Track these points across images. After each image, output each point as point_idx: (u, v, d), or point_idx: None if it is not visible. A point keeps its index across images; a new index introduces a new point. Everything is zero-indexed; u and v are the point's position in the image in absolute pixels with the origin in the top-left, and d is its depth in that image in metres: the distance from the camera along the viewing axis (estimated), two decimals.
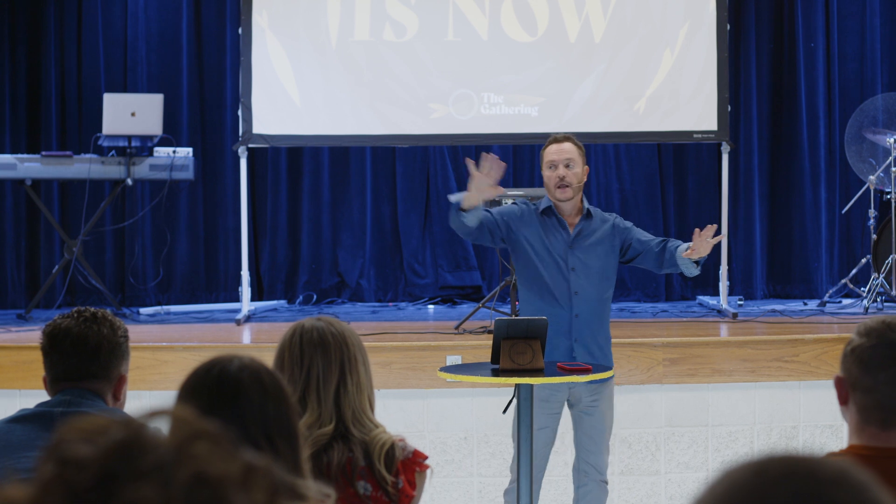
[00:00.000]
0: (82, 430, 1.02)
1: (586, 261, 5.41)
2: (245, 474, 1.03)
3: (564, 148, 5.50)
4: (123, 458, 1.00)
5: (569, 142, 5.53)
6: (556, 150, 5.49)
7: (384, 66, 8.39)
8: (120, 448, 1.00)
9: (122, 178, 8.69)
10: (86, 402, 3.10)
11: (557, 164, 5.45)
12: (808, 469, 1.13)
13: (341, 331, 3.07)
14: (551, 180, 5.45)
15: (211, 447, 1.02)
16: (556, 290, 5.40)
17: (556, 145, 5.52)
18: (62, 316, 3.21)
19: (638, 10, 8.43)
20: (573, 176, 5.45)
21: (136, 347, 6.72)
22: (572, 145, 5.52)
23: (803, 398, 6.72)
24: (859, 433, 2.76)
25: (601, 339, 5.47)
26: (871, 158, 8.87)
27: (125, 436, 1.01)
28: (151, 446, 1.01)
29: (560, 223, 5.46)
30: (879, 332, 2.73)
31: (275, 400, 2.22)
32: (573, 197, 5.45)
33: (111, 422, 1.03)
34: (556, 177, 5.44)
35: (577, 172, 5.47)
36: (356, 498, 3.02)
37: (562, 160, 5.45)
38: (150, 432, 1.02)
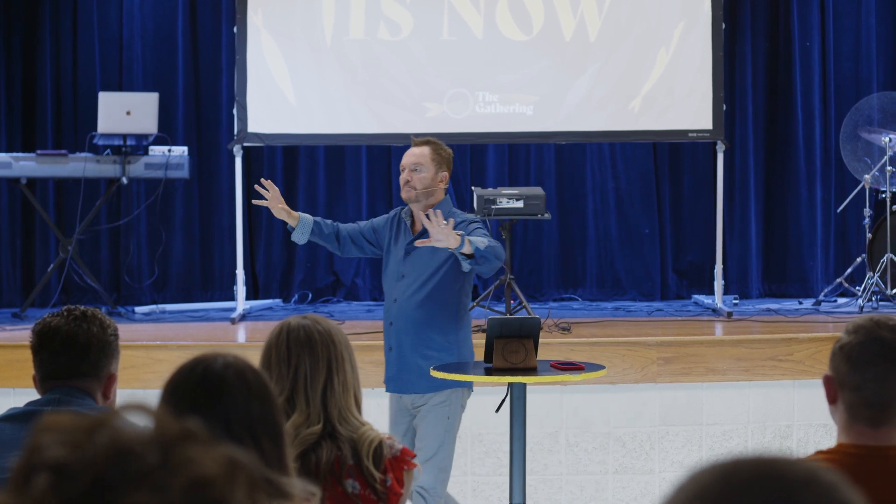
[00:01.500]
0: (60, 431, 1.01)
1: (416, 267, 5.34)
2: (229, 469, 1.03)
3: (416, 152, 5.48)
4: (114, 465, 0.99)
5: (426, 146, 5.50)
6: (408, 154, 5.50)
7: (379, 65, 8.39)
8: (109, 453, 0.99)
9: (118, 177, 8.69)
10: (75, 401, 3.10)
11: (405, 168, 5.45)
12: (777, 471, 1.12)
13: (328, 329, 3.07)
14: (400, 182, 5.45)
15: (200, 447, 1.02)
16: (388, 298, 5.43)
17: (412, 148, 5.52)
18: (52, 314, 3.21)
19: (633, 8, 8.43)
20: (418, 180, 5.39)
21: (131, 346, 6.73)
22: (428, 150, 5.48)
23: (797, 397, 6.72)
24: (848, 431, 2.76)
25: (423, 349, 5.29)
26: (867, 157, 8.87)
27: (111, 439, 1.00)
28: (139, 449, 1.00)
29: (407, 227, 5.45)
30: (868, 329, 2.73)
31: (259, 398, 2.22)
32: (417, 200, 5.39)
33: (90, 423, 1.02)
34: (402, 180, 5.43)
35: (424, 177, 5.41)
36: (345, 496, 3.02)
37: (409, 164, 5.45)
38: (133, 433, 1.02)
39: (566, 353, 6.52)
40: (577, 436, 6.70)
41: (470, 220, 5.40)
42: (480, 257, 5.08)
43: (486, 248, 5.09)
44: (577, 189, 9.72)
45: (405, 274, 5.34)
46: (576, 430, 6.69)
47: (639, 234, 9.68)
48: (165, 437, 1.02)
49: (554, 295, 9.58)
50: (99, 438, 1.00)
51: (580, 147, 9.57)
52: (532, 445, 6.46)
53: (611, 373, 6.50)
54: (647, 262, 9.65)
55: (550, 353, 6.21)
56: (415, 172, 5.41)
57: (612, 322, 8.05)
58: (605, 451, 6.70)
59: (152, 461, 0.99)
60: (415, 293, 5.29)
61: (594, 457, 6.69)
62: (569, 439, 6.70)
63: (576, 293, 9.61)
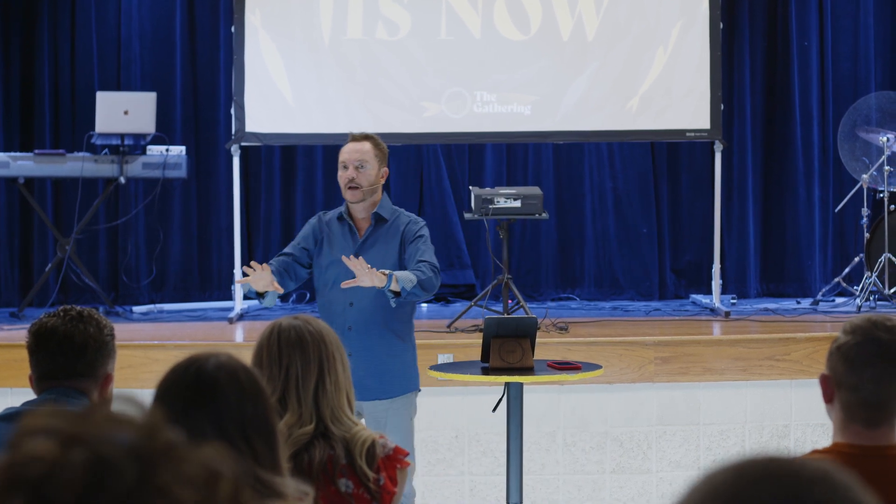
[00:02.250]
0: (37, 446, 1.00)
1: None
2: (209, 480, 1.03)
3: (359, 147, 5.23)
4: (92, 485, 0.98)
5: (368, 141, 5.26)
6: (349, 150, 5.25)
7: (377, 65, 8.39)
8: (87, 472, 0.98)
9: (115, 177, 8.69)
10: (71, 401, 3.10)
11: (349, 165, 5.21)
12: (790, 470, 1.12)
13: (318, 329, 3.07)
14: (342, 181, 5.22)
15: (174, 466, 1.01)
16: (336, 303, 5.14)
17: (353, 144, 5.26)
18: (48, 315, 3.21)
19: (631, 8, 8.43)
20: (364, 177, 5.18)
21: (128, 346, 6.73)
22: (370, 145, 5.25)
23: (795, 397, 6.73)
24: (843, 431, 2.76)
25: (383, 354, 5.15)
26: (865, 157, 8.87)
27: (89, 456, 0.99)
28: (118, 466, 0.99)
29: (350, 229, 5.25)
30: (865, 329, 2.73)
31: (252, 398, 2.22)
32: (363, 199, 5.20)
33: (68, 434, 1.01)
34: (346, 178, 5.20)
35: (369, 174, 5.20)
36: (338, 496, 3.03)
37: (353, 160, 5.20)
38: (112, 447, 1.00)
39: (563, 353, 6.52)
40: (575, 435, 6.70)
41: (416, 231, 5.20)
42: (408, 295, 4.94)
43: (415, 286, 4.93)
44: (575, 189, 9.71)
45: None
46: (573, 430, 6.70)
47: (637, 234, 9.68)
48: (145, 452, 1.01)
49: (552, 294, 9.58)
50: (76, 455, 0.99)
51: (578, 147, 9.57)
52: (529, 445, 6.46)
53: (608, 372, 6.51)
54: (646, 262, 9.65)
55: (548, 353, 6.21)
56: (360, 170, 5.19)
57: (609, 322, 8.05)
58: (602, 451, 6.70)
59: (131, 480, 0.98)
60: (375, 296, 5.05)
61: (591, 456, 6.70)
62: (566, 439, 6.70)
63: (574, 293, 9.61)
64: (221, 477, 1.04)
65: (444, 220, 9.61)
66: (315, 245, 5.25)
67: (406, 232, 5.21)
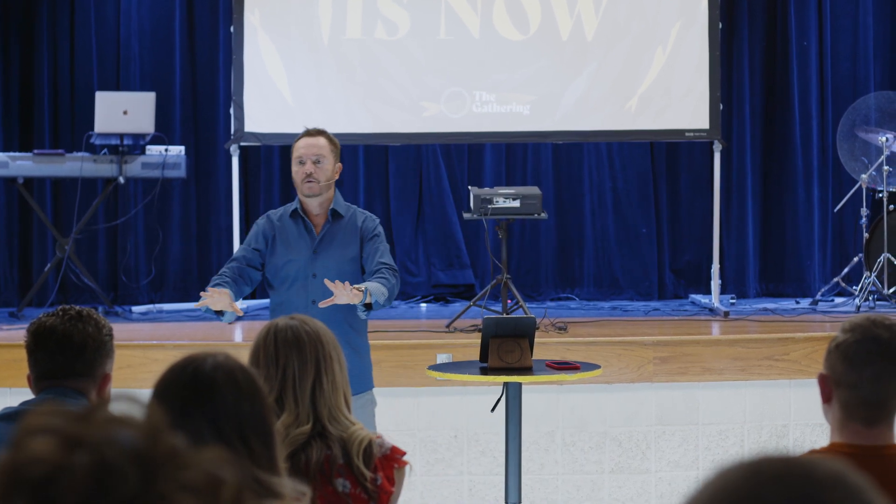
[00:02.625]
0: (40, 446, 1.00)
1: (329, 266, 5.09)
2: (211, 487, 1.03)
3: (315, 143, 5.18)
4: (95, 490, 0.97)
5: (322, 136, 5.22)
6: (305, 145, 5.19)
7: (376, 65, 8.39)
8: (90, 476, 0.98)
9: (115, 177, 8.68)
10: (70, 401, 3.09)
11: (305, 160, 5.15)
12: (803, 470, 1.12)
13: (315, 329, 3.07)
14: (298, 176, 5.16)
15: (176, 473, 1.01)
16: (296, 300, 5.08)
17: (308, 139, 5.21)
18: (47, 314, 3.21)
19: (630, 8, 8.43)
20: (321, 172, 5.14)
21: (127, 346, 6.73)
22: (325, 140, 5.20)
23: (794, 397, 6.72)
24: (842, 430, 2.76)
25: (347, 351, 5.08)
26: (864, 157, 8.87)
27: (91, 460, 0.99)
28: (120, 471, 0.99)
29: (306, 226, 5.18)
30: (864, 328, 2.73)
31: (249, 398, 2.22)
32: (320, 194, 5.15)
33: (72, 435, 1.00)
34: (304, 172, 5.13)
35: (326, 169, 5.15)
36: (335, 496, 3.03)
37: (310, 155, 5.14)
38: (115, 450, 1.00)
39: (562, 353, 6.52)
40: (574, 435, 6.70)
41: (373, 229, 5.18)
42: (378, 306, 4.93)
43: (386, 299, 4.94)
44: (574, 189, 9.71)
45: (317, 273, 5.07)
46: (572, 430, 6.70)
47: (636, 234, 9.68)
48: (148, 457, 1.00)
49: (551, 294, 9.58)
50: (79, 459, 0.99)
51: (577, 147, 9.57)
52: (528, 445, 6.46)
53: (607, 372, 6.51)
54: (645, 262, 9.65)
55: (547, 353, 6.21)
56: (317, 165, 5.14)
57: (608, 321, 8.06)
58: (601, 451, 6.70)
59: (133, 485, 0.98)
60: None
61: (590, 456, 6.70)
62: (565, 439, 6.70)
63: (573, 293, 9.61)
64: (224, 483, 1.03)
65: (444, 219, 9.61)
66: (266, 245, 5.18)
67: (364, 229, 5.19)
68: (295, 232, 5.18)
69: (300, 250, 5.13)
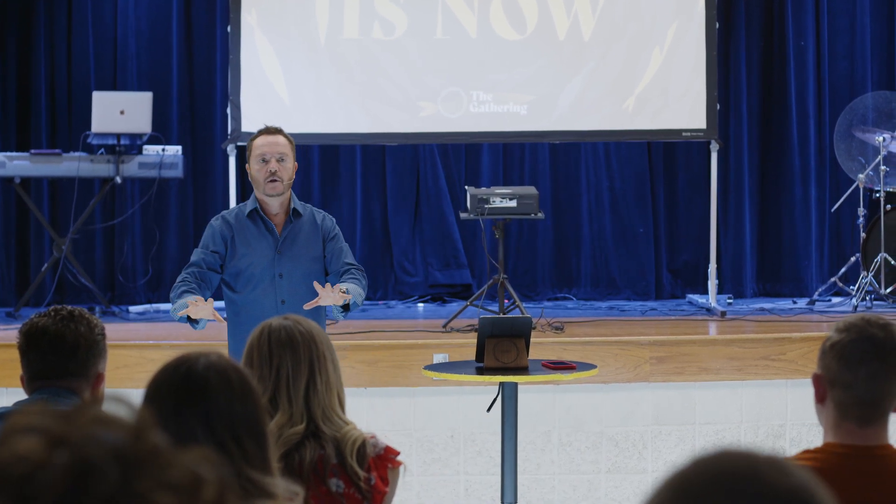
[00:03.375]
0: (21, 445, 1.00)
1: (296, 265, 5.10)
2: (192, 487, 1.02)
3: (276, 141, 5.15)
4: (73, 487, 0.97)
5: (281, 135, 5.18)
6: (267, 143, 5.15)
7: (373, 64, 8.39)
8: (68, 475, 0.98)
9: (111, 177, 8.68)
10: (63, 401, 3.09)
11: (269, 158, 5.11)
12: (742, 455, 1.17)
13: (309, 329, 3.07)
14: (261, 174, 5.11)
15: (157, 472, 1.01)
16: (264, 300, 5.05)
17: (269, 137, 5.17)
18: (39, 315, 3.21)
19: (627, 8, 8.43)
20: (284, 171, 5.11)
21: (123, 346, 6.74)
22: (284, 139, 5.18)
23: (790, 396, 6.72)
24: (836, 430, 2.76)
25: None
26: (861, 157, 8.87)
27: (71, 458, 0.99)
28: (100, 469, 0.99)
29: (267, 226, 5.16)
30: (859, 327, 2.74)
31: (242, 398, 2.22)
32: (283, 192, 5.13)
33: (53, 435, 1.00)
34: (267, 171, 5.09)
35: (288, 168, 5.13)
36: (329, 496, 3.02)
37: (274, 153, 5.10)
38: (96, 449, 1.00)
39: (559, 353, 6.52)
40: (570, 435, 6.70)
41: (332, 228, 5.19)
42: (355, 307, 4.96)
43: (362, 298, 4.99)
44: (571, 188, 9.71)
45: (283, 273, 5.08)
46: (568, 430, 6.70)
47: (633, 234, 9.68)
48: (130, 456, 1.00)
49: (548, 294, 9.58)
50: (59, 457, 0.98)
51: (575, 146, 9.57)
52: (525, 445, 6.46)
53: (603, 372, 6.50)
54: (642, 262, 9.65)
55: (543, 353, 6.21)
56: (281, 163, 5.10)
57: (605, 321, 8.05)
58: (597, 451, 6.70)
59: (113, 484, 0.98)
60: (305, 293, 4.95)
61: (587, 456, 6.69)
62: (561, 439, 6.70)
63: (570, 292, 9.61)
64: (205, 482, 1.03)
65: (441, 219, 9.61)
66: (225, 247, 5.13)
67: (324, 228, 5.18)
68: (255, 232, 5.13)
69: (262, 251, 5.09)
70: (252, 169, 5.16)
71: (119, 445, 1.01)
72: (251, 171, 5.17)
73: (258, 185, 5.14)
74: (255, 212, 5.15)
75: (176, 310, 4.91)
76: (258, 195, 5.17)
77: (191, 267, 5.14)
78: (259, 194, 5.16)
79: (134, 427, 1.03)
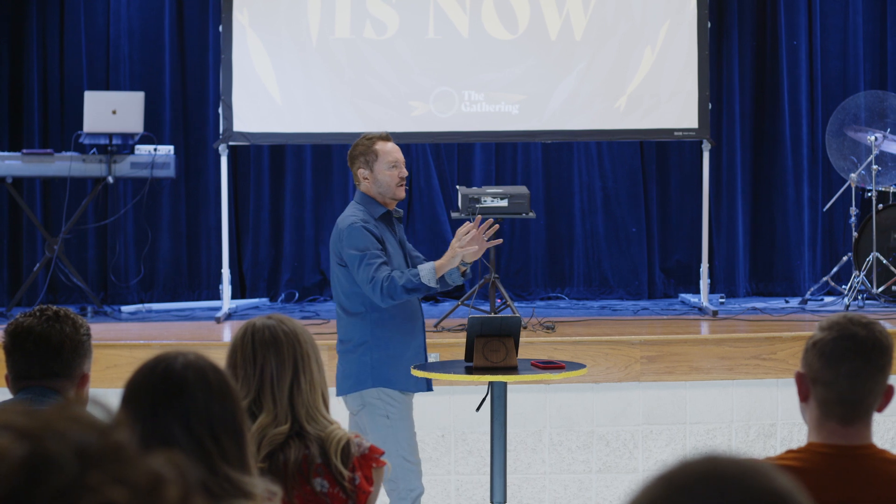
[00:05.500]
0: None
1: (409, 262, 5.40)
2: (152, 485, 1.02)
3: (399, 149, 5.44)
4: (27, 480, 0.98)
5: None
6: (396, 150, 5.40)
7: (365, 64, 8.38)
8: (24, 467, 0.98)
9: (104, 176, 8.68)
10: (48, 401, 3.09)
11: (400, 165, 5.35)
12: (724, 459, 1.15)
13: (293, 329, 3.07)
14: (393, 178, 5.32)
15: (114, 467, 1.01)
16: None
17: (393, 143, 5.43)
18: (24, 314, 3.21)
19: (618, 7, 8.43)
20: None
21: (114, 346, 6.74)
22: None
23: (781, 396, 6.73)
24: (819, 429, 2.76)
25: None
26: (853, 156, 8.87)
27: (30, 452, 0.99)
28: (58, 464, 0.99)
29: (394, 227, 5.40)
30: (842, 325, 2.74)
31: (220, 397, 2.22)
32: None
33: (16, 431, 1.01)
34: (399, 177, 5.33)
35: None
36: (313, 495, 3.02)
37: (403, 160, 5.39)
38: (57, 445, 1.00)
39: (550, 352, 6.52)
40: (561, 435, 6.70)
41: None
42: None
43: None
44: (564, 188, 9.72)
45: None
46: (559, 430, 6.70)
47: (626, 233, 9.68)
48: (91, 451, 1.01)
49: (541, 294, 9.58)
50: (17, 450, 0.99)
51: (567, 146, 9.57)
52: (515, 444, 6.46)
53: (594, 371, 6.51)
54: (635, 261, 9.66)
55: (534, 352, 6.21)
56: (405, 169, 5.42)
57: (596, 321, 8.05)
58: (588, 450, 6.70)
59: (67, 478, 0.98)
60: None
61: (578, 456, 6.70)
62: (552, 438, 6.70)
63: (563, 292, 9.61)
64: (167, 484, 1.03)
65: (433, 219, 9.61)
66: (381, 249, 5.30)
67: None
68: (388, 233, 5.34)
69: (397, 249, 5.34)
70: (381, 173, 5.31)
71: (82, 441, 1.01)
72: (376, 174, 5.33)
73: (386, 189, 5.32)
74: (386, 215, 5.34)
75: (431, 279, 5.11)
76: (381, 198, 5.34)
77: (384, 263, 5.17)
78: (382, 197, 5.33)
79: (102, 425, 1.03)
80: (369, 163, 5.33)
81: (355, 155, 5.40)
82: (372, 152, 5.33)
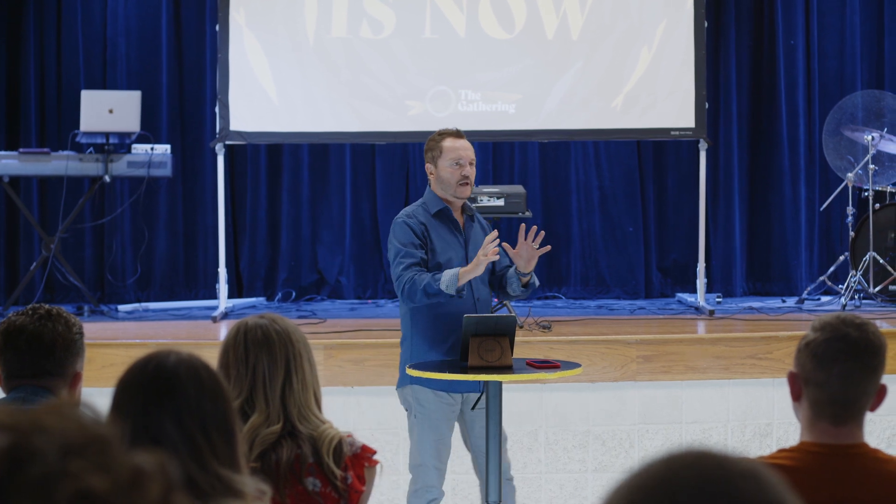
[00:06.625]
0: None
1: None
2: (133, 479, 1.02)
3: (467, 146, 5.30)
4: (7, 469, 0.99)
5: (467, 139, 5.35)
6: (462, 147, 5.27)
7: (361, 64, 8.38)
8: (4, 457, 0.99)
9: (100, 175, 8.68)
10: (40, 400, 3.09)
11: (464, 162, 5.25)
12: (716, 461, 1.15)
13: (285, 328, 3.06)
14: (454, 176, 5.23)
15: (95, 458, 1.01)
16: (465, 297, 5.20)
17: (461, 141, 5.30)
18: (17, 313, 3.21)
19: (615, 6, 8.43)
20: (473, 175, 5.30)
21: (110, 345, 6.73)
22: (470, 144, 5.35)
23: (777, 395, 6.72)
24: (811, 429, 2.77)
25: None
26: (850, 156, 8.88)
27: (11, 442, 1.00)
28: (39, 454, 1.00)
29: (455, 225, 5.29)
30: (833, 326, 2.74)
31: (211, 395, 2.22)
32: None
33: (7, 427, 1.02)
34: (462, 174, 5.23)
35: (474, 172, 5.32)
36: (305, 495, 3.02)
37: (469, 158, 5.26)
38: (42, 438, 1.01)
39: (546, 352, 6.52)
40: (557, 434, 6.70)
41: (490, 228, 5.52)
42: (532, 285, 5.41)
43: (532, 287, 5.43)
44: (561, 187, 9.72)
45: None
46: (555, 429, 6.69)
47: (623, 233, 9.68)
48: (74, 443, 1.01)
49: (538, 293, 9.58)
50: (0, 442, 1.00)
51: (564, 145, 9.57)
52: (512, 444, 6.45)
53: (590, 371, 6.51)
54: (632, 261, 9.66)
55: (530, 352, 6.21)
56: (471, 167, 5.27)
57: (593, 320, 8.05)
58: (584, 450, 6.70)
59: (48, 467, 0.99)
60: (487, 292, 5.37)
61: (574, 455, 6.69)
62: (548, 438, 6.70)
63: (560, 291, 9.61)
64: (149, 478, 1.03)
65: None
66: (424, 244, 5.23)
67: (485, 228, 5.40)
68: (445, 230, 5.27)
69: (455, 249, 5.26)
70: (443, 170, 5.23)
71: (66, 434, 1.02)
72: (439, 171, 5.25)
73: (448, 186, 5.24)
74: (443, 211, 5.25)
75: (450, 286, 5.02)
76: (443, 195, 5.27)
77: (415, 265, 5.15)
78: (444, 194, 5.26)
79: (88, 421, 1.04)
80: (434, 158, 5.28)
81: (426, 150, 5.35)
82: (438, 148, 5.28)
